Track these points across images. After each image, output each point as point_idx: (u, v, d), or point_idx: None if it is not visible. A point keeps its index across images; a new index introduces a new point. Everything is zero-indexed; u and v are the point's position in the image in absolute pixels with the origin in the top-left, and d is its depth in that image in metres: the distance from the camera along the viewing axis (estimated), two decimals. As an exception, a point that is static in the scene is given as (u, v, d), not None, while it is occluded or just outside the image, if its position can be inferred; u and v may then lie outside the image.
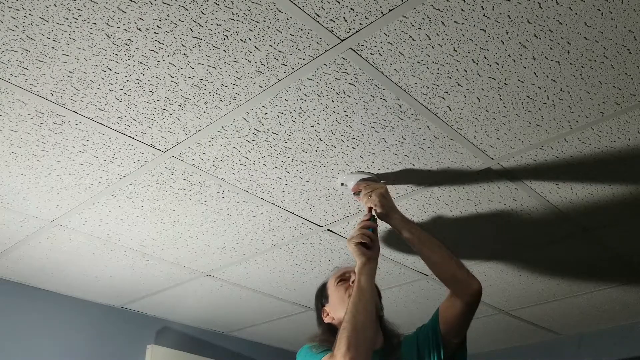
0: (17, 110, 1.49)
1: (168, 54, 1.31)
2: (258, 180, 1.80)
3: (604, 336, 3.14)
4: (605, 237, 2.15)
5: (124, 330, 2.86)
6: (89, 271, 2.43)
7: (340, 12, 1.20)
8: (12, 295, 2.52)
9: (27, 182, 1.80)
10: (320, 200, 1.91)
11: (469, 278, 1.60)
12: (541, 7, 1.19)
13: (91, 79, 1.38)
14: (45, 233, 2.11)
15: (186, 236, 2.14)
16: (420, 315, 2.89)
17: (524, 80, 1.39)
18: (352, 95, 1.45)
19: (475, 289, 1.58)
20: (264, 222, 2.04)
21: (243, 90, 1.43)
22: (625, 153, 1.67)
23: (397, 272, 2.42)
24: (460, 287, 1.59)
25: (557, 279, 2.51)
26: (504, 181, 1.81)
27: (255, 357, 3.34)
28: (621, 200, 1.90)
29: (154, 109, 1.49)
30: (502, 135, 1.60)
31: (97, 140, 1.61)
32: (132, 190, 1.85)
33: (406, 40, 1.27)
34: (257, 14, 1.21)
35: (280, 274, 2.45)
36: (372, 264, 1.59)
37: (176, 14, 1.20)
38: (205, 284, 2.57)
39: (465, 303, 1.57)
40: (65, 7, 1.18)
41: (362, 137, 1.61)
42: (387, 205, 1.69)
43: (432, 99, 1.46)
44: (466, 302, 1.57)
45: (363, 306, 1.49)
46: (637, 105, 1.48)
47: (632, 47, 1.29)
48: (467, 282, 1.59)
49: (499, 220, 2.03)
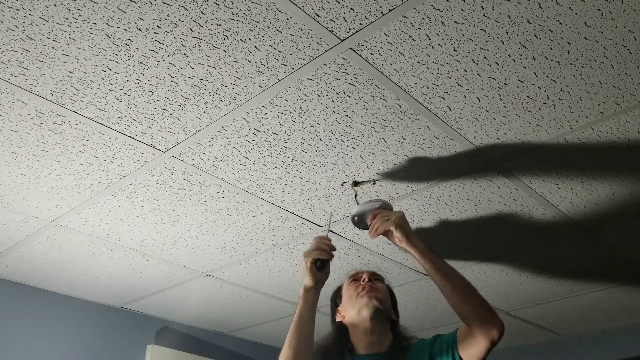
0: (17, 110, 1.49)
1: (168, 54, 1.31)
2: (258, 180, 1.80)
3: (604, 336, 3.15)
4: (605, 237, 2.15)
5: (124, 330, 2.86)
6: (89, 271, 2.43)
7: (340, 12, 1.20)
8: (12, 295, 2.52)
9: (27, 182, 1.80)
10: (320, 200, 1.91)
11: (492, 319, 1.46)
12: (541, 7, 1.19)
13: (91, 79, 1.38)
14: (45, 233, 2.11)
15: (186, 236, 2.14)
16: (421, 315, 2.90)
17: (524, 80, 1.39)
18: (352, 95, 1.45)
19: (496, 334, 1.44)
20: (264, 222, 2.04)
21: (243, 90, 1.43)
22: (625, 153, 1.67)
23: (397, 272, 2.42)
24: (481, 330, 1.45)
25: (557, 279, 2.51)
26: (504, 181, 1.81)
27: (255, 357, 3.34)
28: (621, 200, 1.90)
29: (154, 109, 1.49)
30: (502, 135, 1.60)
31: (97, 140, 1.61)
32: (132, 190, 1.85)
33: (406, 40, 1.27)
34: (257, 14, 1.21)
35: (280, 274, 2.45)
36: (317, 290, 1.60)
37: (176, 14, 1.20)
38: (205, 284, 2.57)
39: (486, 345, 1.46)
40: (65, 7, 1.18)
41: (362, 137, 1.61)
42: (406, 228, 1.61)
43: (432, 99, 1.46)
44: (486, 345, 1.45)
45: (296, 328, 1.55)
46: (637, 105, 1.48)
47: (632, 47, 1.29)
48: (489, 325, 1.45)
49: (499, 220, 2.03)
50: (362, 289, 1.68)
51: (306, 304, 1.58)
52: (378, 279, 1.77)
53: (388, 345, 1.64)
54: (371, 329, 1.63)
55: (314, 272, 1.58)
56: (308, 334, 1.56)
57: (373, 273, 1.78)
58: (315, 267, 1.58)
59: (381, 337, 1.65)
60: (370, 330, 1.63)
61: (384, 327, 1.67)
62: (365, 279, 1.71)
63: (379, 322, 1.65)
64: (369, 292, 1.67)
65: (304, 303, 1.58)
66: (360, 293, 1.67)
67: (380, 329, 1.65)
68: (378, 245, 2.19)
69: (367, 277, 1.73)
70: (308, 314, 1.57)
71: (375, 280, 1.75)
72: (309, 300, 1.58)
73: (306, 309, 1.57)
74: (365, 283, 1.70)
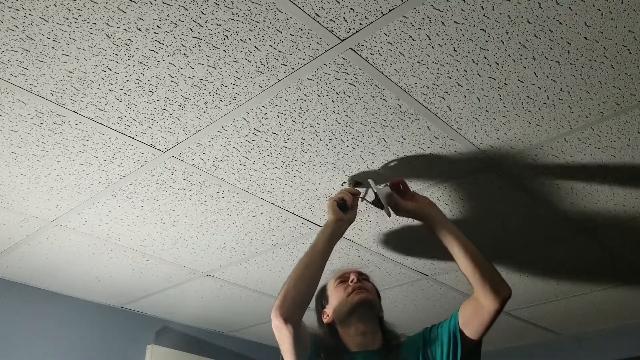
0: (17, 110, 1.49)
1: (168, 54, 1.31)
2: (258, 180, 1.80)
3: (604, 336, 3.15)
4: (605, 237, 2.15)
5: (124, 330, 2.86)
6: (89, 271, 2.43)
7: (340, 12, 1.20)
8: (12, 295, 2.52)
9: (27, 182, 1.80)
10: (320, 200, 1.91)
11: (502, 281, 1.53)
12: (541, 7, 1.19)
13: (91, 79, 1.38)
14: (45, 233, 2.11)
15: (186, 236, 2.14)
16: (421, 316, 2.90)
17: (524, 80, 1.39)
18: (352, 95, 1.45)
19: (507, 295, 1.51)
20: (264, 222, 2.04)
21: (243, 90, 1.43)
22: (625, 153, 1.67)
23: (397, 272, 2.42)
24: (492, 290, 1.50)
25: (557, 279, 2.51)
26: (504, 181, 1.81)
27: (255, 357, 3.34)
28: (621, 200, 1.90)
29: (154, 109, 1.49)
30: (502, 135, 1.60)
31: (97, 140, 1.61)
32: (132, 190, 1.85)
33: (406, 40, 1.27)
34: (257, 14, 1.21)
35: (280, 274, 2.45)
36: (337, 226, 1.61)
37: (176, 14, 1.20)
38: (205, 284, 2.57)
39: (494, 308, 1.50)
40: (65, 7, 1.18)
41: (362, 137, 1.61)
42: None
43: (432, 99, 1.46)
44: (495, 308, 1.50)
45: (305, 261, 1.53)
46: (637, 105, 1.48)
47: (632, 47, 1.29)
48: (500, 286, 1.51)
49: (499, 220, 2.04)
50: (352, 290, 1.68)
51: (323, 236, 1.57)
52: (365, 278, 1.77)
53: (380, 343, 1.65)
54: (363, 329, 1.64)
55: (336, 209, 1.61)
56: (317, 266, 1.54)
57: (360, 273, 1.77)
58: (337, 206, 1.62)
59: (373, 335, 1.65)
60: (363, 330, 1.64)
61: (375, 325, 1.68)
62: (354, 280, 1.71)
63: (371, 321, 1.66)
64: (359, 293, 1.67)
65: (322, 235, 1.58)
66: (351, 294, 1.67)
67: (372, 328, 1.66)
68: (378, 245, 2.19)
69: (356, 277, 1.72)
70: (323, 245, 1.56)
71: (362, 279, 1.74)
72: (327, 233, 1.58)
73: (322, 239, 1.57)
74: (354, 284, 1.70)
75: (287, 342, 1.48)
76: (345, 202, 1.64)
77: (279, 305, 1.47)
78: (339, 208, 1.63)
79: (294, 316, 1.47)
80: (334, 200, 1.64)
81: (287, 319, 1.45)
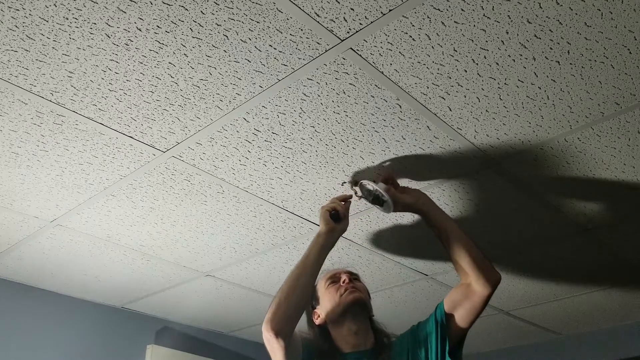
0: (17, 110, 1.49)
1: (168, 54, 1.31)
2: (258, 180, 1.80)
3: (604, 336, 3.15)
4: (605, 237, 2.15)
5: (124, 330, 2.86)
6: (89, 271, 2.43)
7: (340, 12, 1.20)
8: (12, 295, 2.52)
9: (27, 182, 1.80)
10: (320, 200, 1.91)
11: (492, 268, 1.60)
12: (541, 7, 1.19)
13: (91, 79, 1.38)
14: (45, 233, 2.11)
15: (186, 236, 2.14)
16: (420, 316, 2.88)
17: (524, 80, 1.39)
18: (352, 95, 1.45)
19: (497, 280, 1.58)
20: (264, 222, 2.04)
21: (243, 90, 1.43)
22: (625, 153, 1.67)
23: (397, 272, 2.42)
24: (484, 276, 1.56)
25: (557, 279, 2.51)
26: (504, 181, 1.81)
27: (255, 357, 3.34)
28: (621, 200, 1.90)
29: (154, 109, 1.49)
30: (502, 135, 1.60)
31: (97, 140, 1.61)
32: (132, 190, 1.85)
33: (406, 40, 1.27)
34: (257, 14, 1.21)
35: (280, 274, 2.45)
36: (329, 237, 1.61)
37: (176, 14, 1.20)
38: (205, 284, 2.57)
39: (487, 293, 1.56)
40: (65, 7, 1.18)
41: (362, 137, 1.61)
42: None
43: (432, 99, 1.46)
44: (487, 292, 1.56)
45: (297, 273, 1.53)
46: (637, 105, 1.48)
47: (632, 47, 1.29)
48: (490, 271, 1.58)
49: (499, 220, 2.04)
50: (345, 290, 1.68)
51: (315, 247, 1.58)
52: (355, 278, 1.77)
53: (371, 342, 1.65)
54: (356, 328, 1.64)
55: (328, 219, 1.62)
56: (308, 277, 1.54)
57: (351, 272, 1.77)
58: (329, 216, 1.62)
59: (365, 335, 1.66)
60: (355, 330, 1.64)
61: (367, 325, 1.68)
62: (345, 280, 1.71)
63: (363, 320, 1.67)
64: (352, 293, 1.67)
65: (313, 246, 1.58)
66: (344, 294, 1.67)
67: (364, 327, 1.66)
68: (378, 245, 2.19)
69: (347, 277, 1.72)
70: (315, 256, 1.56)
71: (353, 279, 1.74)
72: (319, 244, 1.58)
73: (314, 250, 1.57)
74: (346, 284, 1.70)
75: (279, 355, 1.48)
76: (338, 212, 1.64)
77: (270, 319, 1.46)
78: (330, 218, 1.62)
79: (285, 329, 1.46)
80: (326, 210, 1.64)
81: (279, 332, 1.45)
